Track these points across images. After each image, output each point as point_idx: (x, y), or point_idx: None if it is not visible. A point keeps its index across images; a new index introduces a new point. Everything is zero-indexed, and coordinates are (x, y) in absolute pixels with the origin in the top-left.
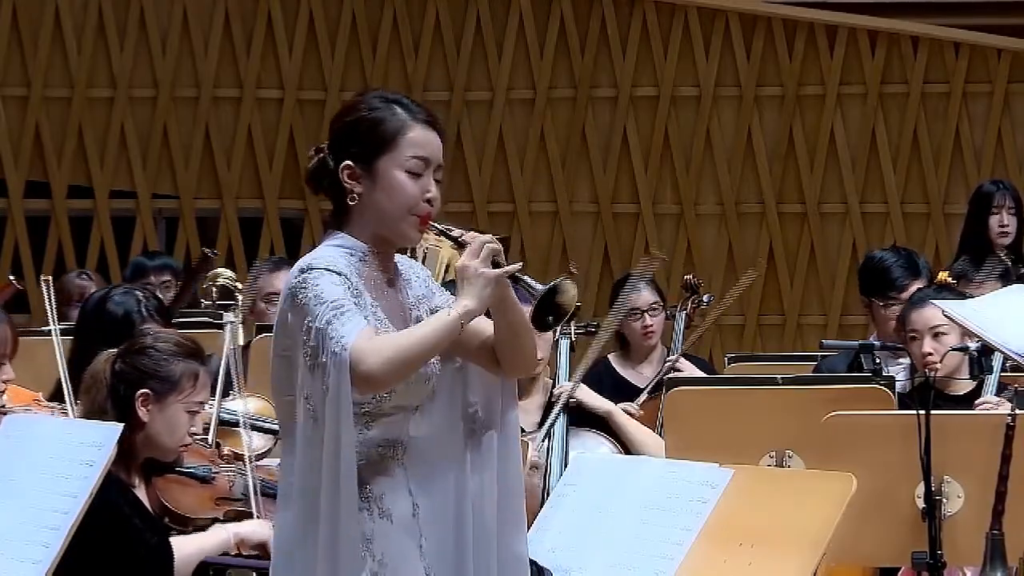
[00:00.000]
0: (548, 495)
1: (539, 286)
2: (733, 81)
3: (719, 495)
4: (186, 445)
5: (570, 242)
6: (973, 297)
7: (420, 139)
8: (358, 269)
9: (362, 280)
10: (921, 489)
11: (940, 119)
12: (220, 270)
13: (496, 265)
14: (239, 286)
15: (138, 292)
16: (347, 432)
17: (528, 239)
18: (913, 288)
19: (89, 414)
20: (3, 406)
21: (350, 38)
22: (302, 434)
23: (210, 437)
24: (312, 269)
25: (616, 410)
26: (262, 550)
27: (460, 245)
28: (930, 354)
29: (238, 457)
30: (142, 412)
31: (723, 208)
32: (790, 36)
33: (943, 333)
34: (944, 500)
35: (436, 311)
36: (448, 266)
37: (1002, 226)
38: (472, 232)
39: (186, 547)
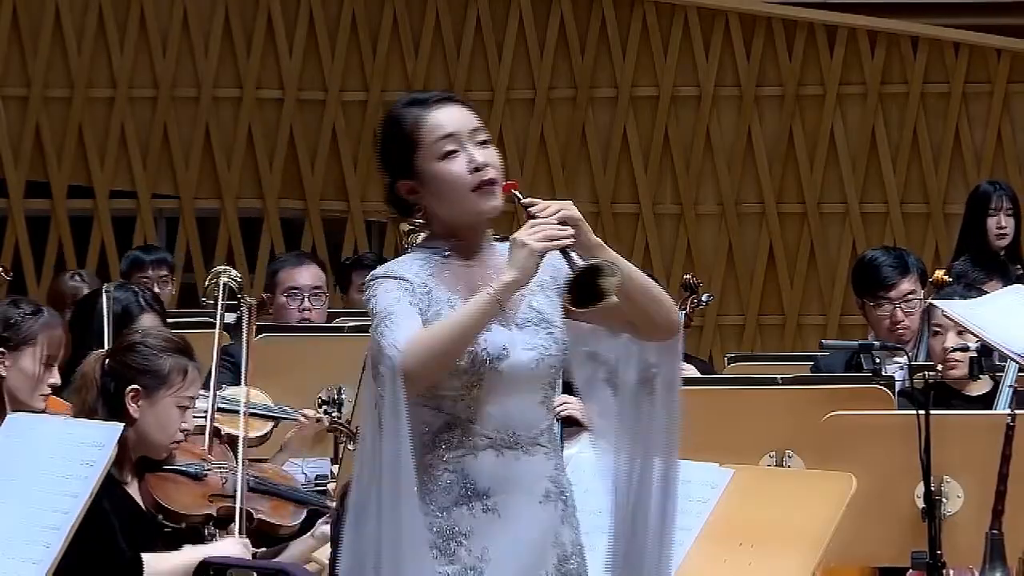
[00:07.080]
0: None
1: (582, 262)
2: (733, 81)
3: (719, 495)
4: (178, 442)
5: None
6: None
7: (438, 120)
8: (435, 269)
9: (440, 277)
10: (921, 489)
11: (940, 119)
12: (223, 268)
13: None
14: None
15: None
16: (405, 438)
17: None
18: (903, 286)
19: (80, 414)
20: (43, 410)
21: (350, 38)
22: (368, 443)
23: (207, 424)
24: (374, 279)
25: None
26: None
27: (530, 215)
28: (954, 350)
29: (233, 441)
30: (132, 408)
31: (723, 208)
32: (790, 36)
33: (968, 331)
34: (944, 500)
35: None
36: None
37: (999, 228)
38: (542, 203)
39: (158, 566)
